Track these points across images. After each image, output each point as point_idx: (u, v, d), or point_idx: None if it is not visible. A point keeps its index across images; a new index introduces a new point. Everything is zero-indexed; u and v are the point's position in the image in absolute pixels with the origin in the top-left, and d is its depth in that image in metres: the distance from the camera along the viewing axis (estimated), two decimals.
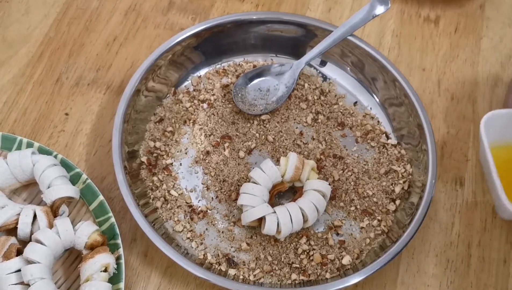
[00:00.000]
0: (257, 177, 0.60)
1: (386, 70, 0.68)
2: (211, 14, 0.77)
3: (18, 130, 0.67)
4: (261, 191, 0.60)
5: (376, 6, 0.68)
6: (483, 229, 0.63)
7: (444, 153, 0.68)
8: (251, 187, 0.60)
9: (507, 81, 0.73)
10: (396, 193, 0.64)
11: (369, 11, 0.68)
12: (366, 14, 0.68)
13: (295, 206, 0.59)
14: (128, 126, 0.64)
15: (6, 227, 0.57)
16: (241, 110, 0.68)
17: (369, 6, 0.68)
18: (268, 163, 0.61)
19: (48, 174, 0.59)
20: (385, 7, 0.68)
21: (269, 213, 0.58)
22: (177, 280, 0.60)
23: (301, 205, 0.59)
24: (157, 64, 0.68)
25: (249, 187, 0.60)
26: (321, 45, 0.69)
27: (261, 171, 0.60)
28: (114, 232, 0.59)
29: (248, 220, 0.59)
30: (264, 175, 0.60)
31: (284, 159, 0.62)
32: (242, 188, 0.60)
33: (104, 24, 0.76)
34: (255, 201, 0.59)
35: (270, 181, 0.61)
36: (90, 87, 0.71)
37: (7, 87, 0.70)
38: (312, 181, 0.61)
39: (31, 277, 0.52)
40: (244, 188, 0.60)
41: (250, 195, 0.59)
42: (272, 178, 0.61)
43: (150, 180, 0.64)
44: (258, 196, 0.59)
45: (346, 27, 0.68)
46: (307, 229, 0.62)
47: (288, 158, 0.61)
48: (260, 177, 0.60)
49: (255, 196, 0.59)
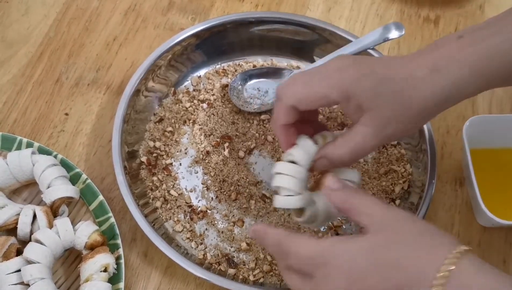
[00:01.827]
0: (296, 156, 0.51)
1: None
2: (211, 14, 0.77)
3: (18, 130, 0.67)
4: (301, 173, 0.51)
5: (391, 30, 0.66)
6: (483, 229, 0.63)
7: (444, 153, 0.68)
8: (290, 168, 0.50)
9: None
10: (396, 193, 0.64)
11: (382, 34, 0.66)
12: (378, 37, 0.66)
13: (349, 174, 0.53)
14: (128, 126, 0.64)
15: (6, 227, 0.57)
16: (235, 105, 0.68)
17: (382, 29, 0.67)
18: (307, 141, 0.51)
19: (48, 174, 0.59)
20: (399, 33, 0.66)
21: (310, 206, 0.51)
22: (177, 280, 0.60)
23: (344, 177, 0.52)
24: (157, 64, 0.68)
25: (287, 168, 0.51)
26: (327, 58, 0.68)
27: (299, 149, 0.51)
28: (114, 232, 0.59)
29: (283, 206, 0.51)
30: (303, 155, 0.51)
31: (320, 137, 0.52)
32: (278, 168, 0.51)
33: (104, 24, 0.76)
34: (294, 184, 0.50)
35: (309, 160, 0.51)
36: (90, 87, 0.71)
37: (7, 87, 0.70)
38: (344, 171, 0.53)
39: (31, 277, 0.52)
40: (280, 168, 0.51)
41: (289, 177, 0.50)
42: (312, 157, 0.51)
43: (150, 180, 0.64)
44: (298, 178, 0.50)
45: (355, 47, 0.67)
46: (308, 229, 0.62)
47: (327, 137, 0.52)
48: (300, 156, 0.51)
49: (294, 178, 0.50)
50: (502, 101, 0.72)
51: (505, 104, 0.72)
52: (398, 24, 0.66)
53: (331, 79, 0.49)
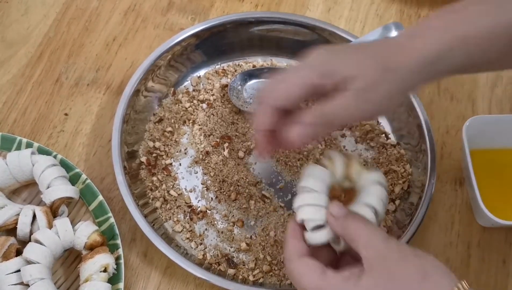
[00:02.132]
0: (311, 186, 0.49)
1: None
2: (210, 14, 0.77)
3: (18, 130, 0.67)
4: (323, 200, 0.49)
5: (391, 30, 0.66)
6: (483, 229, 0.63)
7: (444, 153, 0.68)
8: (311, 197, 0.49)
9: (507, 81, 0.73)
10: (395, 193, 0.64)
11: (382, 34, 0.66)
12: (378, 37, 0.66)
13: (361, 207, 0.49)
14: (128, 126, 0.64)
15: (5, 227, 0.57)
16: (235, 105, 0.68)
17: (382, 29, 0.67)
18: (316, 168, 0.50)
19: (47, 174, 0.59)
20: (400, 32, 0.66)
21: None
22: (177, 280, 0.60)
23: (367, 202, 0.49)
24: (156, 64, 0.68)
25: (308, 198, 0.49)
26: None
27: (313, 178, 0.50)
28: (114, 232, 0.59)
29: (318, 243, 0.48)
30: (319, 182, 0.49)
31: (327, 159, 0.52)
32: (299, 201, 0.49)
33: (103, 24, 0.76)
34: (320, 213, 0.48)
35: (328, 187, 0.50)
36: (90, 87, 0.71)
37: (7, 88, 0.70)
38: (368, 174, 0.51)
39: (30, 277, 0.52)
40: (300, 200, 0.49)
41: (312, 207, 0.48)
42: (328, 184, 0.50)
43: (150, 180, 0.64)
44: (321, 206, 0.48)
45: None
46: None
47: (332, 157, 0.51)
48: (315, 184, 0.49)
49: (317, 206, 0.48)
50: (502, 101, 0.72)
51: (505, 104, 0.72)
52: (398, 24, 0.66)
53: (308, 67, 0.48)
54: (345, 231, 0.46)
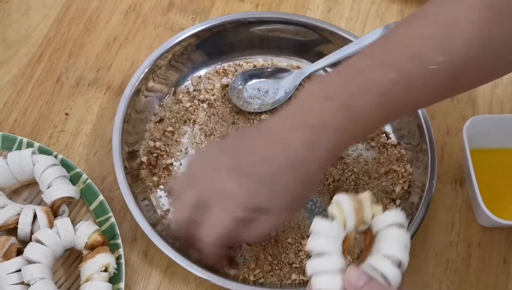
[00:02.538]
0: (323, 247, 0.44)
1: None
2: (211, 14, 0.77)
3: (18, 130, 0.67)
4: (338, 263, 0.43)
5: None
6: (483, 229, 0.63)
7: (444, 153, 0.68)
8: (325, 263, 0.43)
9: (507, 81, 0.73)
10: (396, 193, 0.64)
11: (383, 34, 0.67)
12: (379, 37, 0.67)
13: (381, 260, 0.44)
14: (128, 126, 0.64)
15: (6, 227, 0.57)
16: (235, 105, 0.68)
17: (383, 29, 0.67)
18: (321, 224, 0.45)
19: (48, 174, 0.59)
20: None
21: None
22: (177, 280, 0.60)
23: (388, 253, 0.44)
24: (157, 64, 0.68)
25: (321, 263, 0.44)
26: (328, 58, 0.68)
27: (323, 237, 0.44)
28: (114, 232, 0.59)
29: None
30: (330, 241, 0.44)
31: (335, 207, 0.46)
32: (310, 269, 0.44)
33: (104, 24, 0.76)
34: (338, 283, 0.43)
35: (340, 243, 0.45)
36: (90, 87, 0.71)
37: (7, 88, 0.70)
38: (383, 217, 0.46)
39: (31, 277, 0.52)
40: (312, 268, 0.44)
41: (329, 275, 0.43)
42: (340, 239, 0.45)
43: (150, 180, 0.64)
44: (337, 270, 0.43)
45: (356, 47, 0.67)
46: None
47: (340, 204, 0.45)
48: (327, 244, 0.44)
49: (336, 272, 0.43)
50: (502, 101, 0.72)
51: (505, 104, 0.72)
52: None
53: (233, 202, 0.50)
54: None
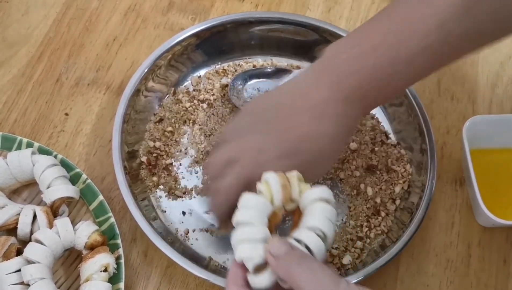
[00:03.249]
0: (247, 218, 0.45)
1: None
2: (211, 14, 0.77)
3: (18, 130, 0.67)
4: (260, 232, 0.44)
5: None
6: (483, 229, 0.63)
7: (444, 153, 0.68)
8: (248, 232, 0.44)
9: (507, 81, 0.73)
10: (396, 193, 0.64)
11: None
12: None
13: (305, 232, 0.44)
14: (128, 126, 0.64)
15: (6, 227, 0.57)
16: (235, 105, 0.68)
17: None
18: (248, 197, 0.46)
19: (48, 174, 0.59)
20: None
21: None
22: (177, 280, 0.60)
23: (312, 224, 0.45)
24: (157, 64, 0.68)
25: (243, 233, 0.44)
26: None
27: (247, 209, 0.45)
28: (114, 232, 0.59)
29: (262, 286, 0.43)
30: (254, 213, 0.45)
31: (263, 184, 0.47)
32: (234, 237, 0.45)
33: (104, 24, 0.76)
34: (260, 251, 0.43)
35: (265, 216, 0.45)
36: (90, 87, 0.71)
37: (7, 88, 0.70)
38: (309, 192, 0.47)
39: (31, 277, 0.52)
40: (236, 237, 0.45)
41: (251, 243, 0.44)
42: (265, 212, 0.45)
43: (150, 180, 0.64)
44: (262, 240, 0.44)
45: None
46: None
47: (268, 180, 0.47)
48: (251, 215, 0.45)
49: (259, 241, 0.44)
50: (502, 101, 0.72)
51: (505, 104, 0.72)
52: None
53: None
54: (289, 276, 0.41)
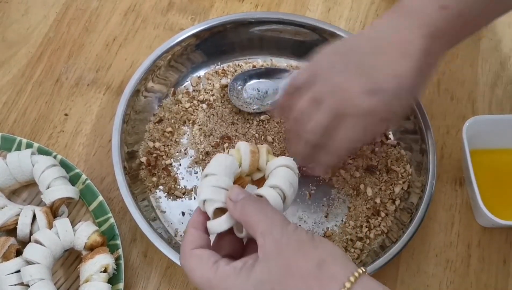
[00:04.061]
0: (214, 171, 0.48)
1: None
2: (210, 15, 0.77)
3: (18, 130, 0.67)
4: (223, 182, 0.47)
5: None
6: (483, 229, 0.63)
7: (444, 153, 0.68)
8: (213, 179, 0.47)
9: (507, 81, 0.73)
10: (395, 193, 0.64)
11: None
12: None
13: (266, 189, 0.47)
14: (128, 127, 0.64)
15: (5, 227, 0.57)
16: (235, 105, 0.68)
17: None
18: (220, 155, 0.50)
19: (47, 174, 0.59)
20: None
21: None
22: (177, 280, 0.60)
23: (273, 183, 0.48)
24: (156, 65, 0.68)
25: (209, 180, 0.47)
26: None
27: (215, 163, 0.49)
28: (114, 233, 0.59)
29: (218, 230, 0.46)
30: (221, 167, 0.48)
31: (235, 150, 0.51)
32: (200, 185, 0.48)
33: (103, 24, 0.76)
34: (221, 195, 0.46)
35: (231, 173, 0.49)
36: (90, 87, 0.71)
37: (7, 88, 0.70)
38: (274, 161, 0.50)
39: (30, 277, 0.52)
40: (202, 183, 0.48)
41: (214, 188, 0.47)
42: (232, 169, 0.49)
43: (150, 181, 0.64)
44: (224, 188, 0.47)
45: None
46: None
47: (239, 147, 0.51)
48: (217, 169, 0.48)
49: (221, 188, 0.47)
50: (502, 101, 0.72)
51: (505, 104, 0.72)
52: None
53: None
54: (243, 217, 0.43)
